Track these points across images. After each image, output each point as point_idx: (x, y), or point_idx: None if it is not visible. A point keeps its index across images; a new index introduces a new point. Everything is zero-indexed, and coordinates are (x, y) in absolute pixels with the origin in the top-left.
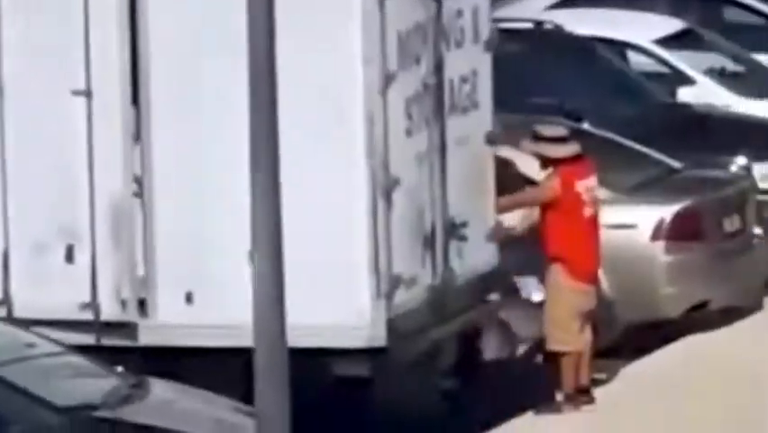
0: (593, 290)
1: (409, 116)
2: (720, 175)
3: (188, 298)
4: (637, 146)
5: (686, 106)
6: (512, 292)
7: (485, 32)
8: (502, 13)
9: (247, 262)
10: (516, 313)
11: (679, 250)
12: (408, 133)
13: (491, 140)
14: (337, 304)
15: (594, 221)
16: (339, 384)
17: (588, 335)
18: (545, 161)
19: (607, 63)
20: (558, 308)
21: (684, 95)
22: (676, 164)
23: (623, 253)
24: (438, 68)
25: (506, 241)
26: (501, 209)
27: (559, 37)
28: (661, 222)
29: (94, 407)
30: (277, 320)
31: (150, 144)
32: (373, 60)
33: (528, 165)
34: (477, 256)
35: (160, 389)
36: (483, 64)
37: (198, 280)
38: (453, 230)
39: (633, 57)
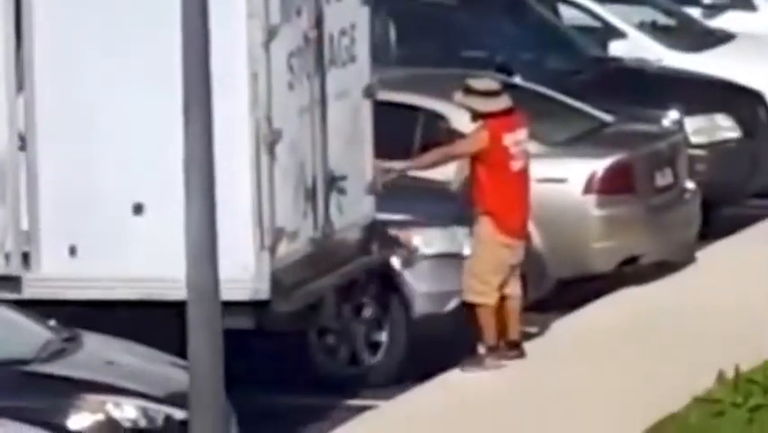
0: (520, 245)
1: (291, 70)
2: (652, 129)
3: (72, 251)
4: (569, 100)
5: (617, 60)
6: (393, 245)
7: None
8: None
9: (131, 214)
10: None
11: (610, 204)
12: (291, 86)
13: (369, 93)
14: (222, 257)
15: (523, 175)
16: (223, 337)
17: (516, 289)
18: (476, 115)
19: (538, 17)
20: (481, 260)
21: (615, 48)
22: (608, 118)
23: (554, 207)
24: (318, 21)
25: (389, 185)
26: (430, 163)
27: None
28: (592, 176)
29: (25, 361)
30: (210, 271)
31: (33, 97)
32: (257, 14)
33: (459, 119)
34: (356, 209)
35: (93, 342)
36: (361, 17)
37: (82, 234)
38: (333, 183)
39: (564, 10)
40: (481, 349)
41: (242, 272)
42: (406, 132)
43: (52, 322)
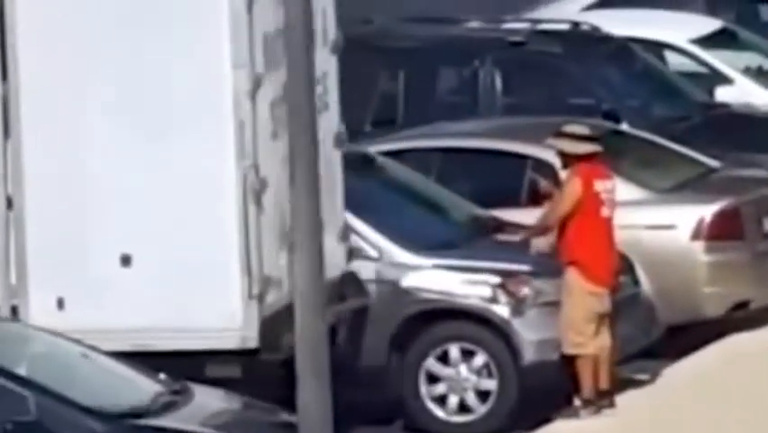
0: (607, 293)
1: (274, 119)
2: (759, 174)
3: (60, 303)
4: (676, 146)
5: (724, 106)
6: (361, 295)
7: (332, 34)
8: (539, 14)
9: (119, 266)
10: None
11: (719, 249)
12: (274, 135)
13: (339, 142)
14: (210, 306)
15: (610, 224)
16: (212, 385)
17: (605, 339)
18: (565, 159)
19: (644, 63)
20: (572, 311)
21: (722, 94)
22: (715, 164)
23: (663, 254)
24: None
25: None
26: (543, 230)
27: (596, 38)
28: (700, 222)
29: (138, 414)
30: (318, 321)
31: (20, 148)
32: (243, 64)
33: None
34: (330, 259)
35: (201, 394)
36: (331, 66)
37: (70, 286)
38: None
39: (670, 57)
40: (577, 402)
41: (231, 321)
42: (514, 180)
43: (162, 375)
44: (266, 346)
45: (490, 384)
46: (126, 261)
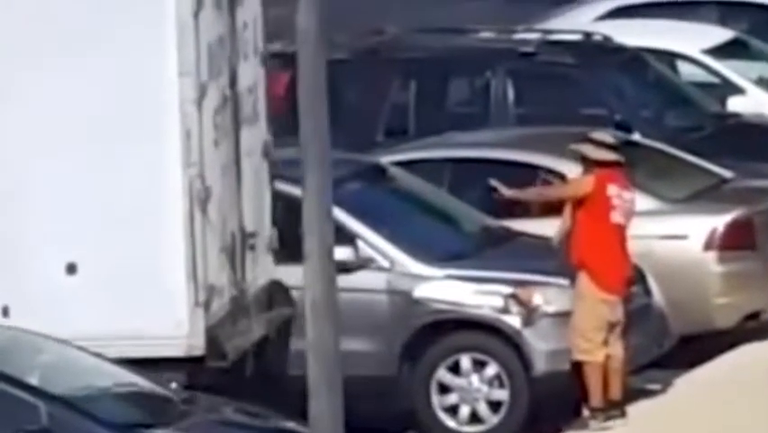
0: (619, 301)
1: (216, 127)
2: None
3: (5, 311)
4: (688, 157)
5: (736, 116)
6: (288, 304)
7: (261, 46)
8: (551, 24)
9: (64, 274)
10: None
11: (731, 260)
12: (216, 144)
13: (267, 152)
14: (157, 314)
15: (623, 232)
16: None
17: (618, 349)
18: (586, 165)
19: (656, 74)
20: (582, 317)
21: (734, 104)
22: (727, 174)
23: (675, 264)
24: (233, 79)
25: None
26: (537, 196)
27: (608, 48)
28: (713, 232)
29: (148, 424)
30: (330, 330)
31: None
32: (189, 72)
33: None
34: (262, 267)
35: (209, 404)
36: (260, 77)
37: (15, 294)
38: (246, 240)
39: (682, 67)
40: (586, 412)
41: (177, 329)
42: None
43: (173, 384)
44: (212, 354)
45: (502, 395)
46: (72, 269)
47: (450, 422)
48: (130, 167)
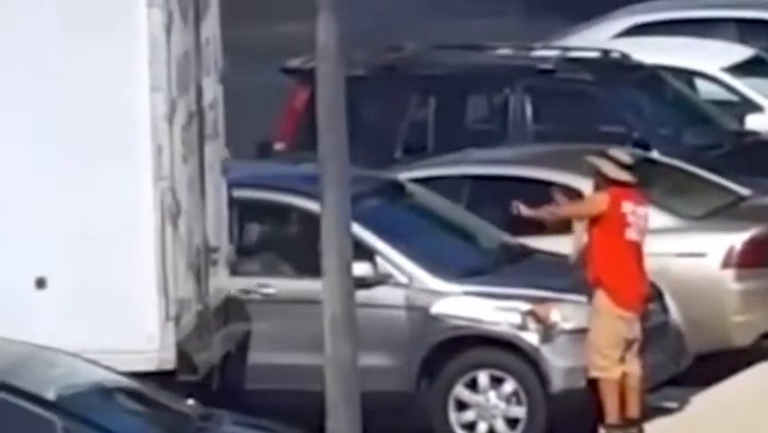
0: (636, 318)
1: (184, 143)
2: None
3: None
4: (706, 174)
5: (754, 134)
6: (243, 319)
7: (219, 63)
8: (569, 42)
9: (34, 289)
10: None
11: (749, 277)
12: (184, 159)
13: (225, 169)
14: (128, 328)
15: (638, 248)
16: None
17: (635, 367)
18: (600, 181)
19: (674, 91)
20: (599, 334)
21: (752, 122)
22: (745, 191)
23: (693, 282)
24: (199, 95)
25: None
26: (549, 215)
27: (626, 66)
28: (731, 250)
29: None
30: (349, 347)
31: None
32: (160, 87)
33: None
34: (221, 282)
35: (228, 421)
36: (219, 93)
37: None
38: (209, 255)
39: (701, 85)
40: (602, 430)
41: (148, 343)
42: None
43: (191, 401)
44: (182, 368)
45: (519, 412)
46: (41, 283)
47: None
48: (101, 182)
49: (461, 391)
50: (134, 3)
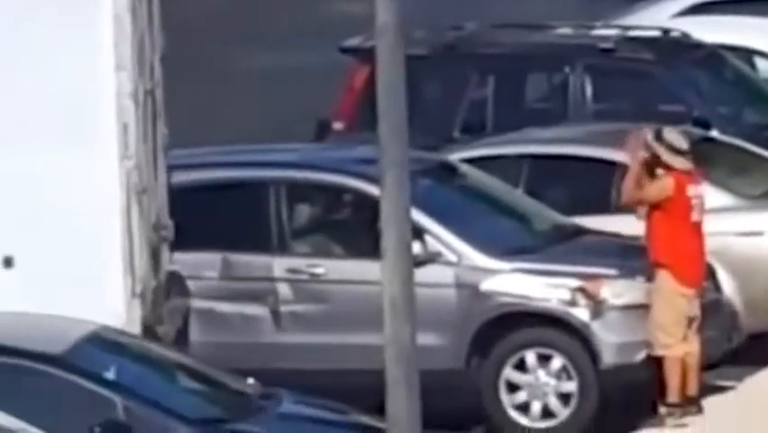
0: (696, 296)
1: (143, 121)
2: None
3: None
4: (766, 153)
5: None
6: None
7: (160, 43)
8: (629, 21)
9: (1, 268)
10: None
11: None
12: (144, 138)
13: (166, 147)
14: (94, 305)
15: (700, 228)
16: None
17: (695, 345)
18: (653, 163)
19: (734, 70)
20: (662, 312)
21: None
22: None
23: (751, 260)
24: (152, 73)
25: None
26: (629, 200)
27: (686, 45)
28: None
29: (226, 419)
30: (408, 328)
31: None
32: (125, 66)
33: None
34: (167, 257)
35: (290, 400)
36: (161, 75)
37: None
38: (160, 232)
39: (760, 63)
40: (663, 409)
41: (114, 320)
42: (604, 186)
43: (250, 380)
44: None
45: (571, 387)
46: (8, 262)
47: (522, 420)
48: (67, 160)
49: (510, 372)
50: None
